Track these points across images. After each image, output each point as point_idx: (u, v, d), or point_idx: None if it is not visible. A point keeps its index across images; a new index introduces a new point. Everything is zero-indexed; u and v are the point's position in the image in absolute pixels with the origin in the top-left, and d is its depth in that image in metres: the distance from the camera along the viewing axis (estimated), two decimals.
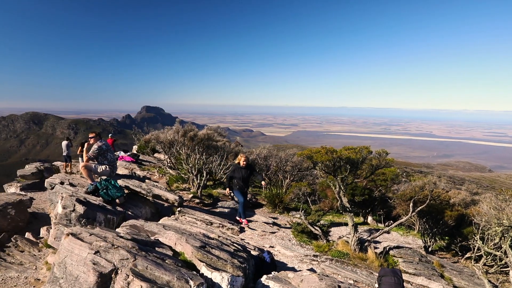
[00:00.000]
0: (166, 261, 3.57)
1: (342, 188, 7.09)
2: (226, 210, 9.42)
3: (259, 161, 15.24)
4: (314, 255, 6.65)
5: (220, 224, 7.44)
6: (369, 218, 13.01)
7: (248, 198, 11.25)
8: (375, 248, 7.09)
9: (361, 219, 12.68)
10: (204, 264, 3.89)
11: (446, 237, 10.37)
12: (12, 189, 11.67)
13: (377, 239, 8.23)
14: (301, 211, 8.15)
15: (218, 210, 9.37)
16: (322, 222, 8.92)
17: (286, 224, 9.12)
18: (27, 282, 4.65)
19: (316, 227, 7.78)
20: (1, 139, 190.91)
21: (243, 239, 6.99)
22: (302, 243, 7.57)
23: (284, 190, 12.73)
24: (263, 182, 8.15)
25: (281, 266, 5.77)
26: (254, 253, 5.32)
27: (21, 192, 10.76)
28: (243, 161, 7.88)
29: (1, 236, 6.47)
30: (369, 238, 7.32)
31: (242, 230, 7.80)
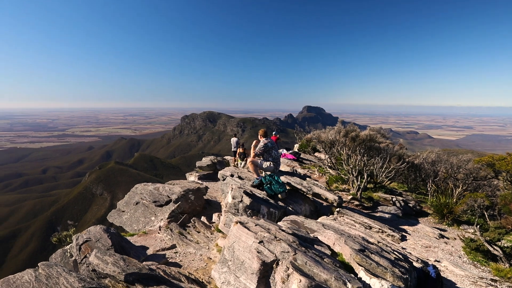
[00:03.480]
0: (324, 259, 3.84)
1: None
2: (387, 215, 9.23)
3: (425, 165, 14.15)
4: (492, 279, 5.92)
5: (380, 229, 7.36)
6: None
7: (411, 205, 10.48)
8: None
9: None
10: (363, 268, 3.98)
11: None
12: (192, 178, 14.88)
13: None
14: (476, 226, 7.50)
15: (378, 214, 9.26)
16: (504, 242, 7.57)
17: (455, 238, 8.22)
18: (201, 259, 5.93)
19: (495, 247, 6.92)
20: (184, 134, 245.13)
21: (405, 248, 6.82)
22: (476, 262, 6.87)
23: (454, 200, 11.40)
24: None
25: (448, 285, 5.49)
26: (416, 265, 5.17)
27: (198, 181, 13.62)
28: None
29: (183, 217, 8.45)
30: None
31: (403, 238, 7.46)
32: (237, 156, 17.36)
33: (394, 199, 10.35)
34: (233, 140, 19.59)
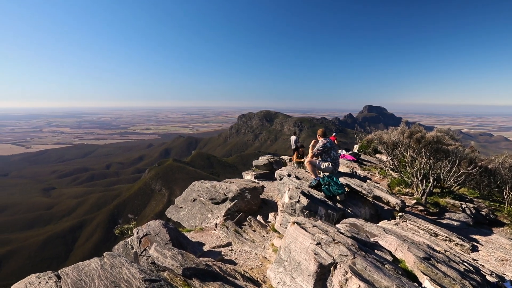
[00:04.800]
0: (385, 265, 3.75)
1: None
2: (455, 223, 8.64)
3: (501, 171, 12.95)
4: None
5: (447, 237, 6.93)
6: None
7: (484, 213, 9.78)
8: None
9: None
10: (428, 278, 3.79)
11: None
12: (248, 177, 15.20)
13: None
14: None
15: (444, 221, 8.71)
16: None
17: None
18: (257, 257, 6.08)
19: None
20: (241, 133, 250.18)
21: (476, 260, 6.37)
22: None
23: None
24: None
25: None
26: (490, 279, 4.83)
27: (255, 180, 13.88)
28: None
29: (240, 216, 8.69)
30: None
31: (474, 248, 6.92)
32: (294, 156, 17.46)
33: (463, 205, 9.73)
34: (292, 138, 19.75)
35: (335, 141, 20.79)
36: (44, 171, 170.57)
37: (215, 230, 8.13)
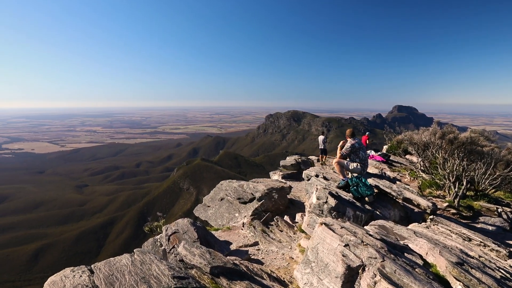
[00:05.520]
0: (415, 269, 3.67)
1: None
2: (490, 227, 8.28)
3: None
4: None
5: (481, 242, 6.65)
6: None
7: None
8: None
9: None
10: (461, 284, 3.68)
11: None
12: (276, 177, 15.21)
13: None
14: None
15: (479, 225, 8.36)
16: None
17: None
18: (283, 258, 6.10)
19: None
20: (268, 133, 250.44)
21: None
22: None
23: None
24: None
25: None
26: None
27: (282, 180, 13.88)
28: None
29: (267, 215, 8.73)
30: None
31: (511, 255, 6.60)
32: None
33: (499, 209, 9.34)
34: (320, 138, 19.65)
35: (367, 141, 20.50)
36: (77, 168, 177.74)
37: (242, 229, 8.21)
